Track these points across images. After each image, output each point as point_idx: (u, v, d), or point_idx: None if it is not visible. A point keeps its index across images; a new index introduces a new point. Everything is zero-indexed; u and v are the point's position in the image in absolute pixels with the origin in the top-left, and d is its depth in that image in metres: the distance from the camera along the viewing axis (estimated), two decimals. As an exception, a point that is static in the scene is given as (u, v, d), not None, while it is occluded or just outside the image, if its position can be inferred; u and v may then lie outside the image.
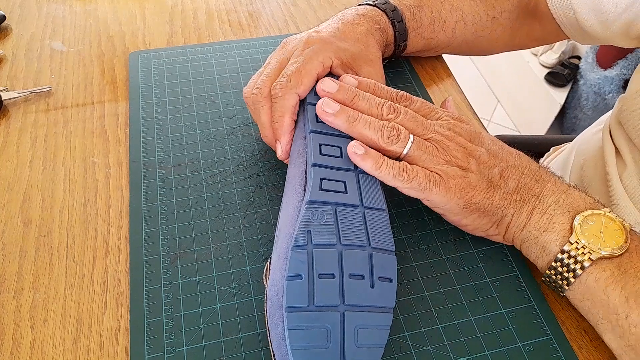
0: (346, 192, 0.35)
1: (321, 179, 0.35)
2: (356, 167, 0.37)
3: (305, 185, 0.36)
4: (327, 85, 0.38)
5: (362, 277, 0.32)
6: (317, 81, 0.42)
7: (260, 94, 0.41)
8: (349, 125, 0.37)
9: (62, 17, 0.62)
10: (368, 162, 0.36)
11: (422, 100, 0.40)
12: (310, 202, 0.34)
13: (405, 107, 0.39)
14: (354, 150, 0.36)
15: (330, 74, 0.43)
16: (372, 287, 0.32)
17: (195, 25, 0.62)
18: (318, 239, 0.32)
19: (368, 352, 0.30)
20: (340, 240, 0.33)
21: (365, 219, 0.34)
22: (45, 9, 0.63)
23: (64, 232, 0.41)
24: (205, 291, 0.37)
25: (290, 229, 0.34)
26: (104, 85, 0.53)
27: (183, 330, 0.35)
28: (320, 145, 0.37)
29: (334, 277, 0.31)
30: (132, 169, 0.45)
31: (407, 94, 0.40)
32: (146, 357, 0.34)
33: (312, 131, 0.38)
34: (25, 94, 0.51)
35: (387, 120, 0.37)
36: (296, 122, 0.41)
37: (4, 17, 0.60)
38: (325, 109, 0.37)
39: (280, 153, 0.41)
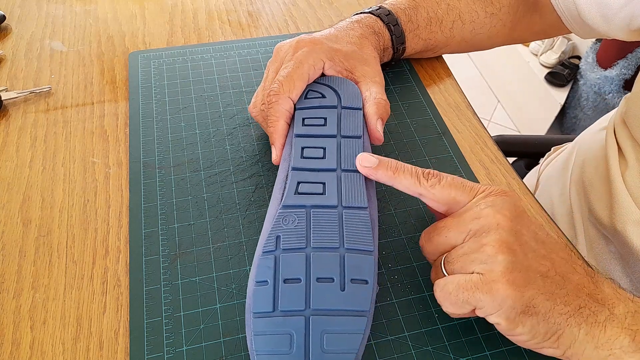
0: (324, 194, 0.35)
1: (298, 183, 0.35)
2: (338, 166, 0.36)
3: (284, 190, 0.36)
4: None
5: (332, 280, 0.31)
6: (308, 83, 0.42)
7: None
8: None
9: (62, 17, 0.62)
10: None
11: (452, 176, 0.35)
12: (283, 206, 0.34)
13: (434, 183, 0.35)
14: (362, 163, 0.35)
15: (323, 75, 0.43)
16: (343, 290, 0.31)
17: (195, 25, 0.62)
18: (286, 243, 0.32)
19: (336, 357, 0.29)
20: (310, 244, 0.32)
21: (342, 219, 0.34)
22: (45, 9, 0.63)
23: (63, 232, 0.41)
24: (205, 291, 0.37)
25: (265, 235, 0.34)
26: (104, 85, 0.53)
27: (183, 330, 0.35)
28: (302, 148, 0.37)
29: (300, 281, 0.31)
30: (131, 169, 0.45)
31: (435, 171, 0.35)
32: (146, 357, 0.34)
33: (297, 135, 0.39)
34: (25, 94, 0.51)
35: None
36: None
37: (4, 17, 0.60)
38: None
39: (274, 158, 0.40)
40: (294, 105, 0.41)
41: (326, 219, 0.34)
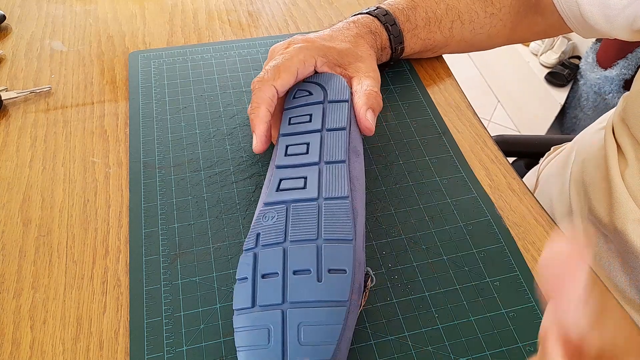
0: (305, 188, 0.35)
1: (280, 180, 0.36)
2: (321, 159, 0.37)
3: (267, 189, 0.36)
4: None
5: (309, 271, 0.31)
6: (296, 78, 0.42)
7: None
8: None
9: (62, 17, 0.62)
10: None
11: None
12: (264, 204, 0.35)
13: None
14: None
15: (316, 73, 0.43)
16: (320, 281, 0.31)
17: (195, 25, 0.62)
18: (265, 240, 0.33)
19: (314, 349, 0.29)
20: (287, 238, 0.33)
21: (320, 211, 0.34)
22: (45, 9, 0.63)
23: (63, 232, 0.41)
24: (205, 291, 0.37)
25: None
26: (104, 85, 0.53)
27: (183, 330, 0.35)
28: (287, 146, 0.38)
29: (277, 275, 0.31)
30: (131, 169, 0.45)
31: None
32: (146, 357, 0.34)
33: (282, 134, 0.39)
34: (25, 93, 0.51)
35: None
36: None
37: (4, 17, 0.60)
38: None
39: (255, 144, 0.40)
40: (279, 95, 0.41)
41: (305, 212, 0.34)
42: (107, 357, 0.34)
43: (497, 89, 1.93)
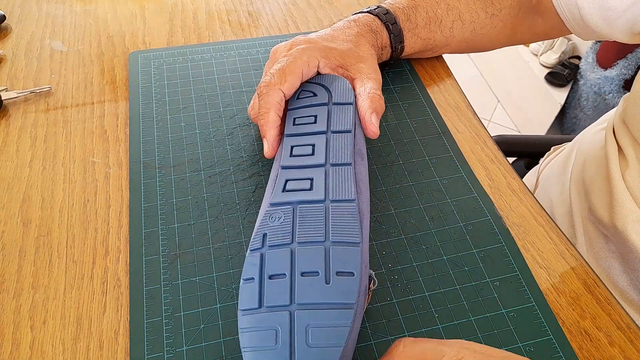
0: (311, 189, 0.35)
1: (286, 181, 0.36)
2: (327, 161, 0.37)
3: (273, 189, 0.36)
4: None
5: (317, 273, 0.31)
6: (301, 80, 0.42)
7: None
8: None
9: (62, 17, 0.62)
10: None
11: None
12: (270, 205, 0.34)
13: None
14: None
15: (318, 74, 0.43)
16: (328, 283, 0.31)
17: (195, 25, 0.62)
18: (272, 240, 0.33)
19: (322, 351, 0.29)
20: (294, 239, 0.32)
21: (328, 213, 0.34)
22: (45, 9, 0.63)
23: (63, 232, 0.41)
24: (205, 291, 0.37)
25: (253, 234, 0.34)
26: (104, 85, 0.53)
27: (183, 330, 0.35)
28: (292, 147, 0.38)
29: (285, 276, 0.31)
30: (131, 169, 0.45)
31: None
32: (146, 357, 0.34)
33: (287, 135, 0.39)
34: (25, 93, 0.51)
35: None
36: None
37: (4, 17, 0.60)
38: None
39: (266, 149, 0.40)
40: (285, 98, 0.41)
41: (312, 213, 0.34)
42: (107, 357, 0.34)
43: (497, 89, 1.93)
